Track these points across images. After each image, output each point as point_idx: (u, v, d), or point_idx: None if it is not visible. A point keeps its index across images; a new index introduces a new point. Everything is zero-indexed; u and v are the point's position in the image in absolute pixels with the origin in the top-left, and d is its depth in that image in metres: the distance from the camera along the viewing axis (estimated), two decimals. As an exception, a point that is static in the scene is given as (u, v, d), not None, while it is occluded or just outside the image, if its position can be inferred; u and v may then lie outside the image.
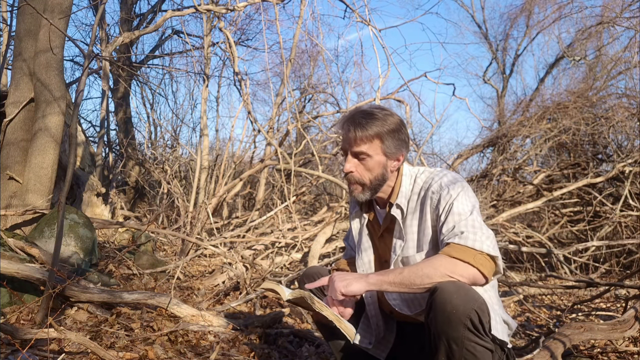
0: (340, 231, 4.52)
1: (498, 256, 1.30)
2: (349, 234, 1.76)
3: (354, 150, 1.44)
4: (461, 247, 1.28)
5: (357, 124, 1.42)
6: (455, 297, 1.19)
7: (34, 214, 3.35)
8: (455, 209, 1.35)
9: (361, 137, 1.41)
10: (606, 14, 8.61)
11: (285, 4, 6.75)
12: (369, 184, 1.46)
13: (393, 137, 1.43)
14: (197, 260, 4.24)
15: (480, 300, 1.21)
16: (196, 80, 9.44)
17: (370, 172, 1.45)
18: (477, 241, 1.28)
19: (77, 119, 3.97)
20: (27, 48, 3.65)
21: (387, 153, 1.44)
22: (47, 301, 2.15)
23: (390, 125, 1.43)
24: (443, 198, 1.38)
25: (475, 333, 1.19)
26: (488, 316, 1.22)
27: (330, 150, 7.19)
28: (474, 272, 1.26)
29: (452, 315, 1.18)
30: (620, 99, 6.33)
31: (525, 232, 4.79)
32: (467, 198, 1.38)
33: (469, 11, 13.57)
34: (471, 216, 1.33)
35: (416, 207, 1.45)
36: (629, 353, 2.28)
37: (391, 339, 1.59)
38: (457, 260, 1.26)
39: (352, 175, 1.46)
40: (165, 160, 8.00)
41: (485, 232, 1.31)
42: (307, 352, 2.24)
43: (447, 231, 1.34)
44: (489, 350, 1.21)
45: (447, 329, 1.19)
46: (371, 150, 1.43)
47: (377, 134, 1.41)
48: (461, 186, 1.39)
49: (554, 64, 11.99)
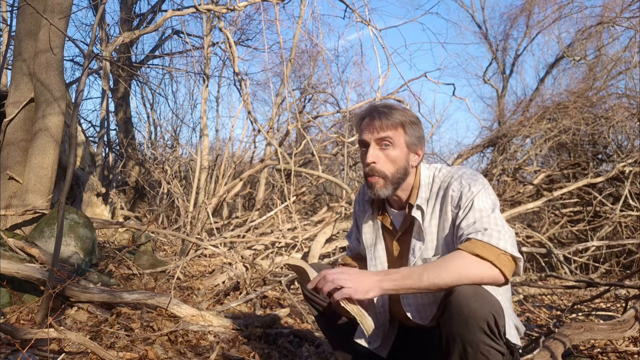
0: (341, 231, 4.51)
1: (521, 258, 1.27)
2: (351, 232, 1.74)
3: (379, 137, 1.40)
4: (484, 245, 1.24)
5: (381, 113, 1.41)
6: (472, 300, 1.17)
7: (34, 214, 3.35)
8: (476, 205, 1.32)
9: (387, 124, 1.40)
10: (606, 14, 8.61)
11: (285, 4, 6.76)
12: (390, 177, 1.42)
13: (414, 129, 1.43)
14: (197, 260, 4.24)
15: (497, 303, 1.20)
16: (196, 80, 9.45)
17: (392, 163, 1.42)
18: (502, 240, 1.24)
19: (77, 119, 3.97)
20: (27, 48, 3.65)
21: (409, 144, 1.42)
22: (47, 301, 2.15)
23: (411, 117, 1.43)
24: (464, 195, 1.35)
25: (491, 337, 1.18)
26: (504, 320, 1.20)
27: (330, 150, 7.20)
28: (496, 272, 1.23)
29: (470, 318, 1.16)
30: (620, 99, 6.33)
31: (525, 232, 4.79)
32: (488, 195, 1.35)
33: (469, 11, 13.57)
34: (493, 214, 1.31)
35: (435, 207, 1.42)
36: (629, 353, 2.28)
37: (392, 336, 1.58)
38: (481, 258, 1.23)
39: (374, 167, 1.41)
40: (165, 160, 8.00)
41: (508, 231, 1.28)
42: (307, 352, 2.24)
43: (468, 226, 1.30)
44: (502, 354, 1.20)
45: (463, 332, 1.18)
46: (395, 138, 1.40)
47: (401, 122, 1.41)
48: (482, 183, 1.37)
49: (554, 64, 11.98)
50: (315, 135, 7.22)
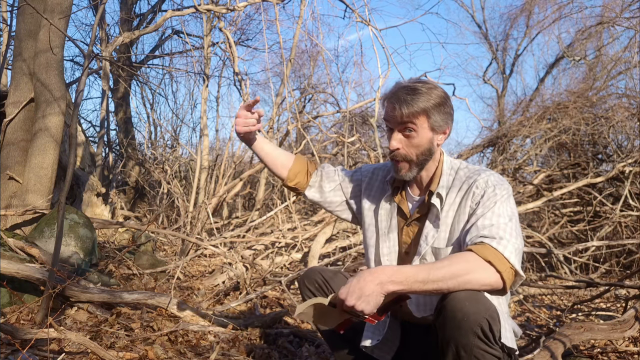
0: (341, 231, 4.51)
1: (522, 276, 1.26)
2: (341, 174, 1.69)
3: (401, 124, 1.39)
4: (496, 253, 1.22)
5: (402, 101, 1.37)
6: (467, 304, 1.17)
7: (34, 214, 3.35)
8: (497, 209, 1.30)
9: (407, 114, 1.36)
10: (606, 14, 8.62)
11: (285, 4, 6.76)
12: (415, 160, 1.41)
13: (439, 111, 1.39)
14: (197, 260, 4.24)
15: (492, 308, 1.19)
16: (196, 80, 9.45)
17: (416, 148, 1.40)
18: (513, 254, 1.24)
19: (77, 119, 3.97)
20: (27, 48, 3.65)
21: (434, 127, 1.40)
22: (47, 301, 2.15)
23: (436, 99, 1.38)
24: (487, 194, 1.34)
25: (485, 341, 1.17)
26: (499, 324, 1.19)
27: (330, 150, 7.19)
28: (500, 283, 1.23)
29: (463, 322, 1.16)
30: (620, 99, 6.33)
31: (525, 232, 4.79)
32: (510, 203, 1.34)
33: (469, 11, 13.57)
34: (510, 223, 1.29)
35: (455, 200, 1.41)
36: (629, 353, 2.28)
37: (396, 341, 1.56)
38: (492, 267, 1.22)
39: (399, 153, 1.41)
40: (165, 160, 8.00)
41: (520, 245, 1.27)
42: (307, 352, 2.24)
43: (484, 227, 1.28)
44: (497, 358, 1.19)
45: (456, 336, 1.17)
46: (418, 124, 1.38)
47: (423, 109, 1.37)
48: (507, 190, 1.35)
49: (554, 64, 11.98)
50: (315, 135, 7.22)
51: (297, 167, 1.68)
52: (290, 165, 1.68)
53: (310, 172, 1.70)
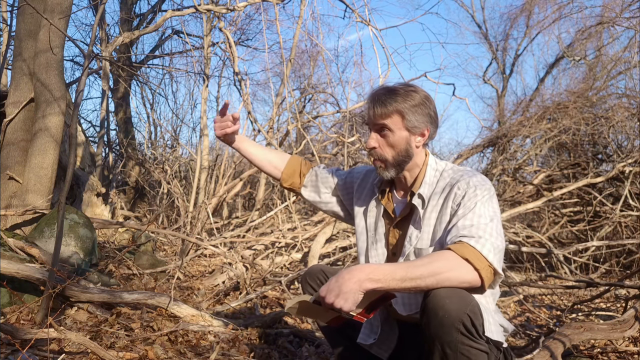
0: (341, 231, 4.51)
1: (501, 275, 1.28)
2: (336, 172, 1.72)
3: (377, 124, 1.43)
4: (475, 252, 1.24)
5: (377, 101, 1.41)
6: (447, 301, 1.18)
7: (34, 214, 3.35)
8: (478, 210, 1.32)
9: (380, 113, 1.40)
10: (606, 14, 8.62)
11: (285, 4, 6.75)
12: (391, 161, 1.44)
13: (415, 111, 1.40)
14: (197, 260, 4.24)
15: (472, 302, 1.20)
16: (196, 80, 9.44)
17: (392, 148, 1.43)
18: (492, 253, 1.25)
19: (77, 119, 3.97)
20: (27, 48, 3.65)
21: (409, 128, 1.41)
22: (47, 301, 2.15)
23: (413, 101, 1.40)
24: (468, 195, 1.35)
25: (468, 336, 1.18)
26: (481, 318, 1.21)
27: (330, 150, 7.18)
28: (478, 281, 1.24)
29: (445, 319, 1.17)
30: (620, 99, 6.33)
31: (525, 232, 4.79)
32: (491, 204, 1.35)
33: (469, 11, 13.58)
34: (491, 223, 1.30)
35: (438, 202, 1.42)
36: (629, 353, 2.28)
37: (394, 339, 1.57)
38: (470, 264, 1.23)
39: (375, 152, 1.45)
40: (165, 160, 8.00)
41: (500, 245, 1.28)
42: (307, 352, 2.24)
43: (464, 227, 1.29)
44: (484, 352, 1.20)
45: (440, 334, 1.19)
46: (392, 125, 1.41)
47: (397, 109, 1.40)
48: (489, 191, 1.37)
49: (554, 64, 11.98)
50: (315, 135, 7.22)
51: (290, 168, 1.72)
52: (283, 166, 1.72)
53: (303, 173, 1.73)
